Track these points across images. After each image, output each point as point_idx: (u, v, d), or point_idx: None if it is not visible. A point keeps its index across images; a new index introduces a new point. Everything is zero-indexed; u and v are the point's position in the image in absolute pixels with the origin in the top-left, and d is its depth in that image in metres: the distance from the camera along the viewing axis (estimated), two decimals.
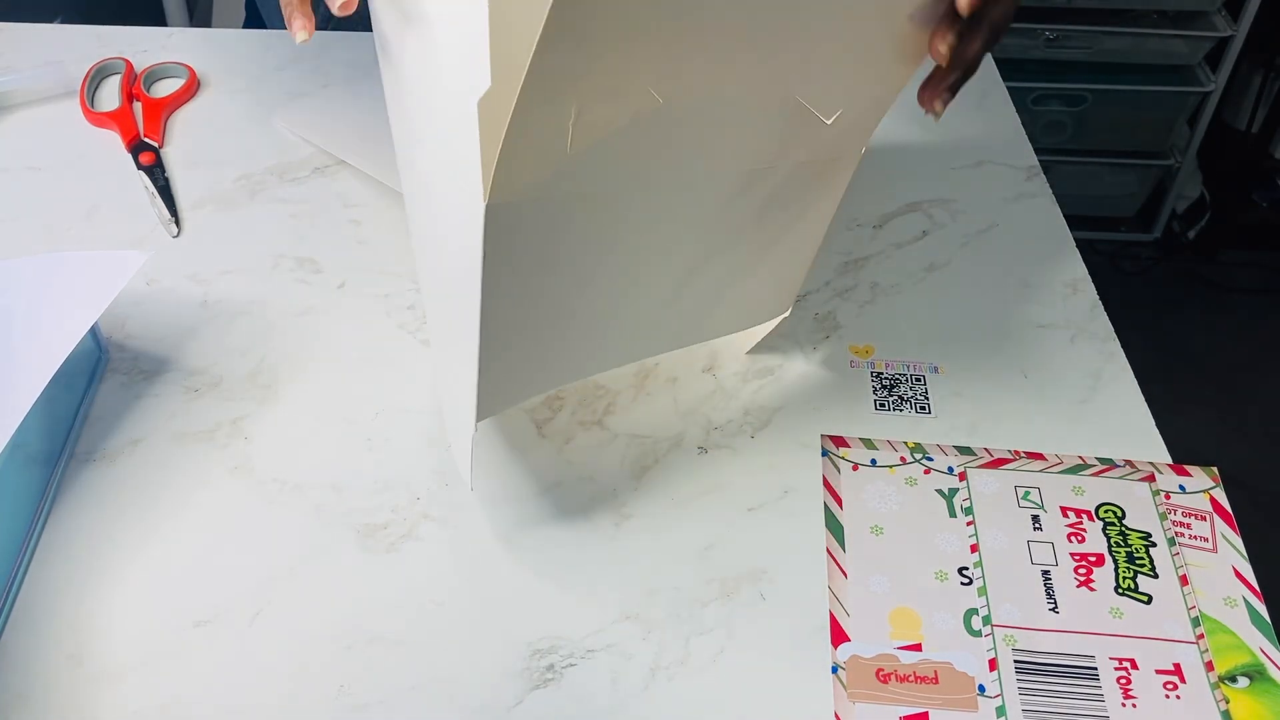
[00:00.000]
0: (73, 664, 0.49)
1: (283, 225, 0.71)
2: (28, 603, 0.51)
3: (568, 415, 0.60)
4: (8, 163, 0.76)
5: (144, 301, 0.66)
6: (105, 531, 0.54)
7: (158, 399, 0.60)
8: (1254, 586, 0.52)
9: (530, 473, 0.57)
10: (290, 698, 0.48)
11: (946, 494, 0.56)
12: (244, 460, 0.57)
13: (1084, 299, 0.68)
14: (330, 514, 0.55)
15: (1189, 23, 1.72)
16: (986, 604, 0.51)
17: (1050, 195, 0.76)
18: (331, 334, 0.64)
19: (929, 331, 0.65)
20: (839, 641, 0.50)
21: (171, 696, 0.48)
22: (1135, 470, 0.57)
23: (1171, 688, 0.48)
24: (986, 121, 0.83)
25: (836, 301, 0.67)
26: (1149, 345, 1.76)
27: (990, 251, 0.71)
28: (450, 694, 0.48)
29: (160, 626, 0.50)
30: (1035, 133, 1.19)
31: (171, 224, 0.71)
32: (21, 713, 0.47)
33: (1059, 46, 1.72)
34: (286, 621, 0.50)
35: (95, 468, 0.56)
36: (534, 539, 0.54)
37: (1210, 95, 1.76)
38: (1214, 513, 0.55)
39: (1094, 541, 0.54)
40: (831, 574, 0.53)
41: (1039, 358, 0.64)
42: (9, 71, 0.82)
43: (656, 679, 0.49)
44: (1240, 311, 1.86)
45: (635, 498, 0.56)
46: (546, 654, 0.50)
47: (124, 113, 0.79)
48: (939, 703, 0.48)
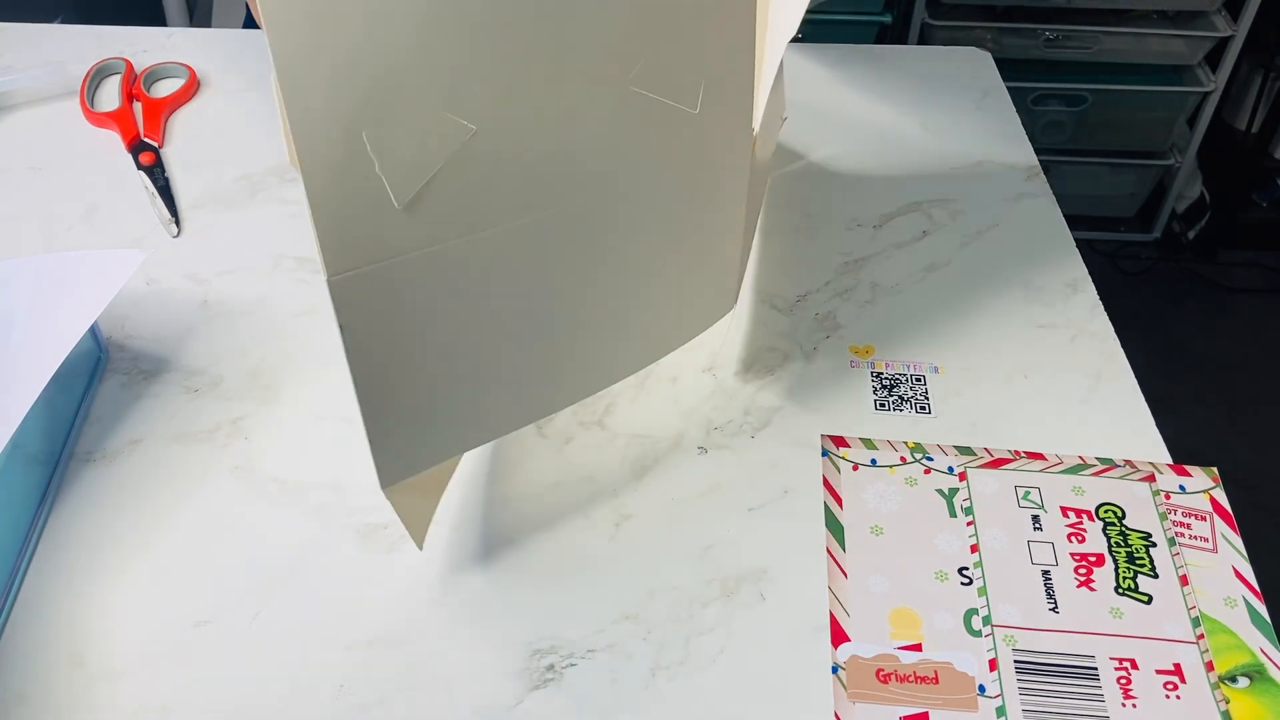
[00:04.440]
0: (73, 664, 0.49)
1: (283, 225, 0.71)
2: (28, 603, 0.51)
3: (568, 415, 0.60)
4: (8, 163, 0.76)
5: (144, 301, 0.66)
6: (105, 531, 0.54)
7: (158, 399, 0.60)
8: (1254, 586, 0.52)
9: (530, 473, 0.57)
10: (290, 698, 0.48)
11: (946, 494, 0.56)
12: (244, 460, 0.57)
13: (1084, 299, 0.68)
14: (330, 514, 0.55)
15: (1189, 23, 1.72)
16: (986, 604, 0.51)
17: (1050, 195, 0.76)
18: (331, 334, 0.64)
19: (929, 331, 0.65)
20: (839, 641, 0.50)
21: (171, 696, 0.48)
22: (1135, 470, 0.57)
23: (1171, 688, 0.48)
24: (986, 121, 0.83)
25: (836, 301, 0.67)
26: (1149, 345, 1.77)
27: (990, 251, 0.71)
28: (450, 694, 0.48)
29: (160, 626, 0.50)
30: (1035, 133, 1.19)
31: (171, 224, 0.71)
32: (21, 713, 0.47)
33: (1059, 46, 1.72)
34: (286, 621, 0.50)
35: (95, 468, 0.56)
36: (534, 539, 0.54)
37: (1210, 95, 1.76)
38: (1214, 513, 0.56)
39: (1094, 541, 0.54)
40: (831, 574, 0.53)
41: (1039, 358, 0.64)
42: (9, 71, 0.82)
43: (656, 679, 0.49)
44: (1240, 311, 1.86)
45: (635, 498, 0.56)
46: (546, 654, 0.50)
47: (124, 113, 0.79)
48: (939, 703, 0.48)
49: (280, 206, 0.72)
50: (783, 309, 0.66)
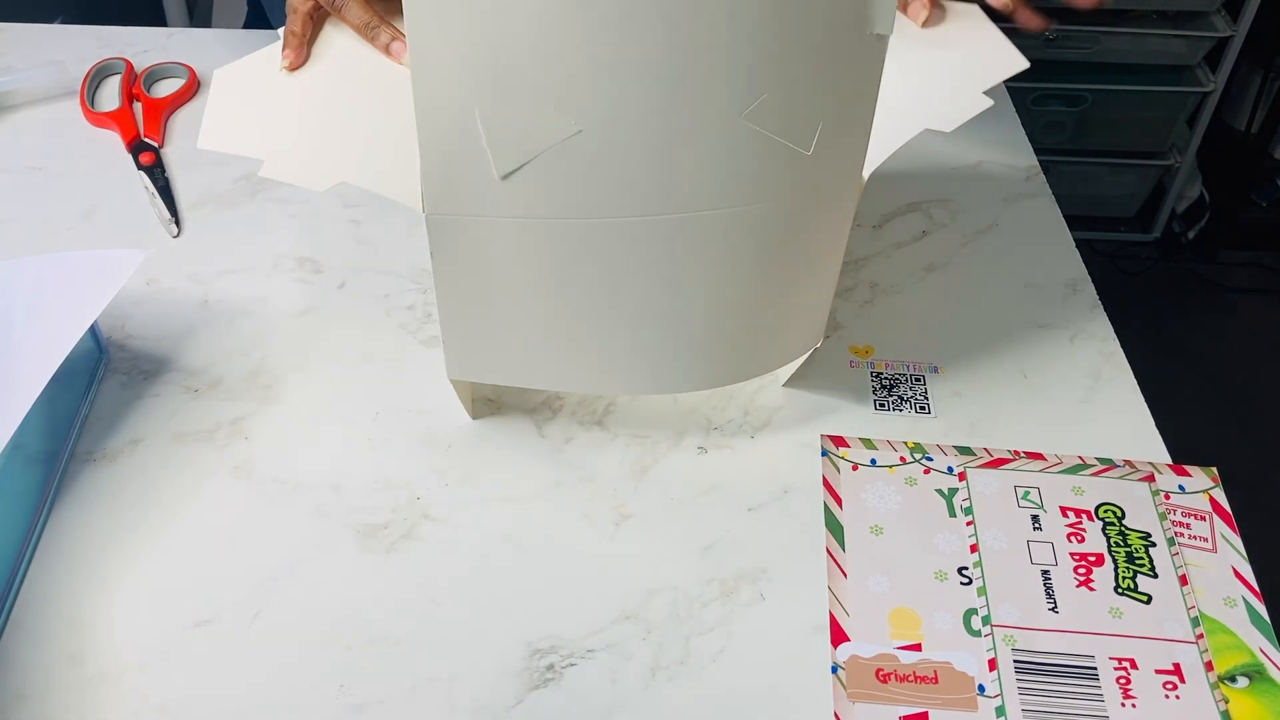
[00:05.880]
0: (73, 664, 0.49)
1: (283, 225, 0.71)
2: (28, 603, 0.51)
3: (568, 415, 0.60)
4: (8, 163, 0.76)
5: (144, 301, 0.66)
6: (105, 531, 0.54)
7: (158, 399, 0.60)
8: (1253, 586, 0.52)
9: (530, 473, 0.57)
10: (290, 698, 0.48)
11: (946, 494, 0.56)
12: (244, 460, 0.57)
13: (1084, 299, 0.68)
14: (330, 514, 0.55)
15: (1189, 23, 1.71)
16: (986, 604, 0.51)
17: (1050, 195, 0.76)
18: (331, 334, 0.64)
19: (929, 331, 0.65)
20: (839, 641, 0.50)
21: (171, 696, 0.48)
22: (1135, 470, 0.57)
23: (1171, 688, 0.48)
24: (986, 121, 0.83)
25: (836, 301, 0.67)
26: (1149, 345, 1.76)
27: (990, 251, 0.71)
28: (450, 694, 0.48)
29: (160, 626, 0.50)
30: (1035, 133, 1.19)
31: (171, 224, 0.71)
32: (21, 713, 0.47)
33: (1059, 46, 1.72)
34: (286, 621, 0.50)
35: (95, 468, 0.56)
36: (534, 539, 0.54)
37: (1210, 95, 1.76)
38: (1213, 513, 0.56)
39: (1094, 541, 0.54)
40: (831, 574, 0.53)
41: (1039, 358, 0.64)
42: (9, 71, 0.82)
43: (656, 679, 0.49)
44: (1240, 311, 1.86)
45: (635, 498, 0.56)
46: (546, 654, 0.50)
47: (124, 113, 0.79)
48: (939, 703, 0.48)
49: (280, 206, 0.72)
50: None
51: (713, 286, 0.50)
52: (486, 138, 0.44)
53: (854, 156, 0.50)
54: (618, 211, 0.47)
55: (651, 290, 0.50)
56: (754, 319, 0.53)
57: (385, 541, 0.54)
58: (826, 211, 0.51)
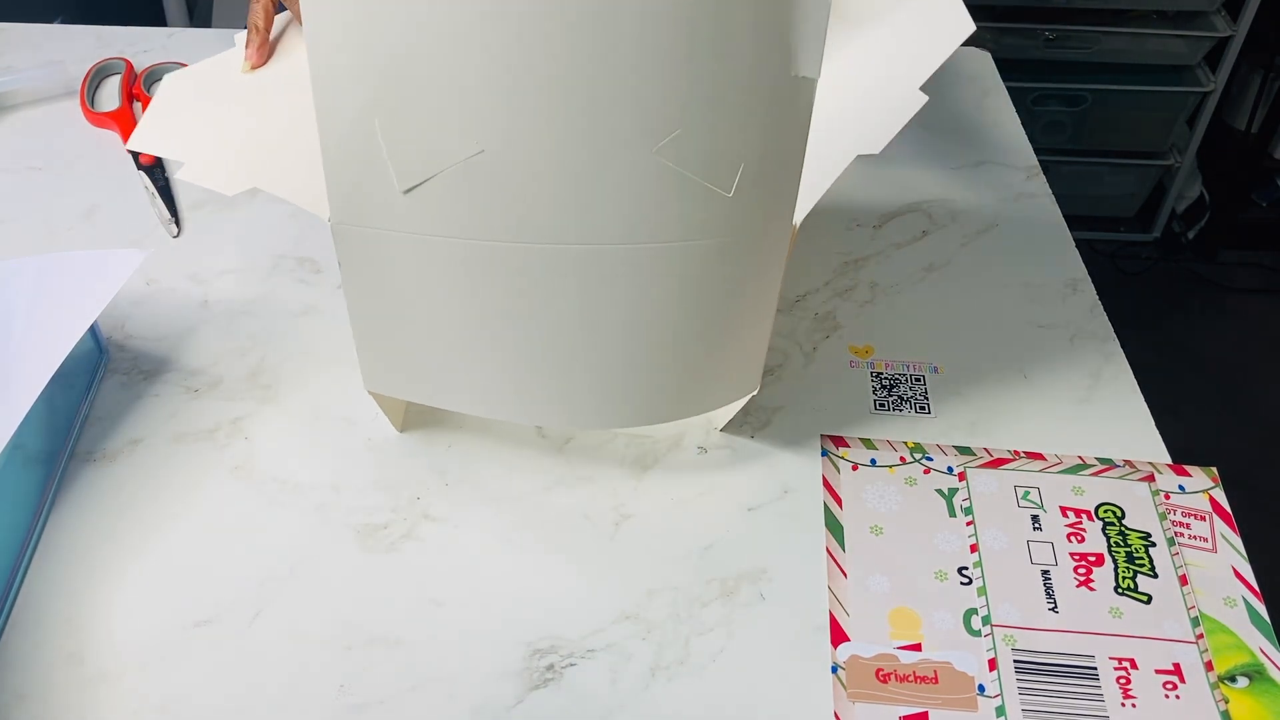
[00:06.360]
0: (73, 664, 0.49)
1: (283, 225, 0.71)
2: (28, 603, 0.51)
3: None
4: (8, 163, 0.76)
5: (144, 301, 0.66)
6: (105, 531, 0.54)
7: (158, 399, 0.60)
8: (1254, 586, 0.52)
9: (530, 473, 0.57)
10: (290, 698, 0.48)
11: (946, 494, 0.56)
12: (244, 460, 0.57)
13: (1084, 299, 0.68)
14: (330, 514, 0.55)
15: (1188, 23, 1.72)
16: (986, 604, 0.51)
17: (1050, 195, 0.76)
18: (331, 334, 0.64)
19: (929, 331, 0.65)
20: (839, 641, 0.50)
21: (171, 696, 0.48)
22: (1135, 470, 0.57)
23: (1171, 688, 0.48)
24: (986, 121, 0.83)
25: (836, 301, 0.67)
26: (1149, 345, 1.77)
27: (990, 251, 0.71)
28: (450, 694, 0.48)
29: (160, 626, 0.50)
30: (1035, 133, 1.19)
31: (171, 224, 0.71)
32: (21, 713, 0.47)
33: (1059, 46, 1.72)
34: (286, 621, 0.50)
35: (95, 468, 0.56)
36: (534, 539, 0.54)
37: (1210, 95, 1.76)
38: (1213, 513, 0.56)
39: (1093, 541, 0.54)
40: (831, 574, 0.53)
41: (1039, 358, 0.64)
42: (9, 71, 0.82)
43: (656, 679, 0.49)
44: (1240, 311, 1.86)
45: (635, 498, 0.56)
46: (546, 654, 0.50)
47: (124, 113, 0.79)
48: (939, 703, 0.48)
49: (280, 206, 0.72)
50: (782, 309, 0.66)
51: (629, 323, 0.48)
52: (387, 150, 0.43)
53: (783, 200, 0.47)
54: (524, 236, 0.45)
55: (565, 321, 0.48)
56: (676, 360, 0.51)
57: (385, 541, 0.54)
58: (751, 254, 0.48)
